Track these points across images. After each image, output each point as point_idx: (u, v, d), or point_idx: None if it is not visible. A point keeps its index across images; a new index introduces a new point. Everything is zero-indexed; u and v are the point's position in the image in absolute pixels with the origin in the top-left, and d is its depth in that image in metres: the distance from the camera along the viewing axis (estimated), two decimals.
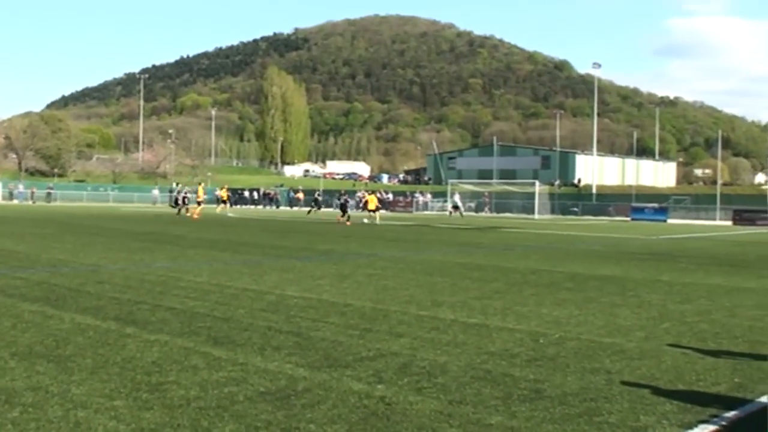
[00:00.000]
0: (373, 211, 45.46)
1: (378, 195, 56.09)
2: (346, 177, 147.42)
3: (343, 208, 43.75)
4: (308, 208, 61.28)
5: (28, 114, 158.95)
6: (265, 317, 9.57)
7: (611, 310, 10.87)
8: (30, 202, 77.64)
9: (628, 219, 61.85)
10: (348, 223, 40.75)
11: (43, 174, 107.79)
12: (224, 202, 55.69)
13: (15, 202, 78.32)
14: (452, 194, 65.96)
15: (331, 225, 39.30)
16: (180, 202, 50.36)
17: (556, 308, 10.97)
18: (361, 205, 57.68)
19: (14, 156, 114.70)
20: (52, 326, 8.62)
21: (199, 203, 48.06)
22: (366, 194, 52.60)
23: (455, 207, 61.01)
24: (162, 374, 6.55)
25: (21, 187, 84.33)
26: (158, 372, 6.62)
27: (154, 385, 6.19)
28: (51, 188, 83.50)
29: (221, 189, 58.22)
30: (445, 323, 9.46)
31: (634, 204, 67.43)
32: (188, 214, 46.00)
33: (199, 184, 53.19)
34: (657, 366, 7.35)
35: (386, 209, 63.21)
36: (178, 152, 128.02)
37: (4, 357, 7.04)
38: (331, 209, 66.68)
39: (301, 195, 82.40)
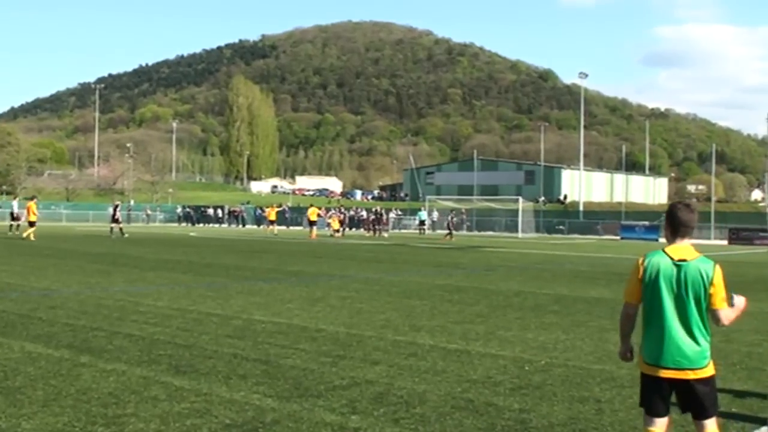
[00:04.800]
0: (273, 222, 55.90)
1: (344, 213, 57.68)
2: (317, 193, 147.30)
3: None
4: (447, 232, 54.55)
5: None
6: (231, 344, 9.53)
7: (601, 335, 10.91)
8: None
9: (618, 238, 62.11)
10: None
11: None
12: (272, 222, 56.83)
13: None
14: (430, 211, 66.25)
15: (301, 244, 39.21)
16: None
17: (541, 333, 11.00)
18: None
19: None
20: (0, 356, 8.54)
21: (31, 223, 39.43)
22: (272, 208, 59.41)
23: (422, 222, 62.62)
24: (119, 406, 6.50)
25: None
26: (115, 404, 6.57)
27: (111, 418, 6.14)
28: None
29: (270, 208, 59.65)
30: (424, 349, 9.46)
31: (624, 222, 67.73)
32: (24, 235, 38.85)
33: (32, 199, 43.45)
34: None
35: (357, 228, 63.37)
36: (136, 167, 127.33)
37: None
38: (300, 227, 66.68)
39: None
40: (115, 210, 46.12)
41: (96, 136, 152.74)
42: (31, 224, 39.13)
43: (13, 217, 46.41)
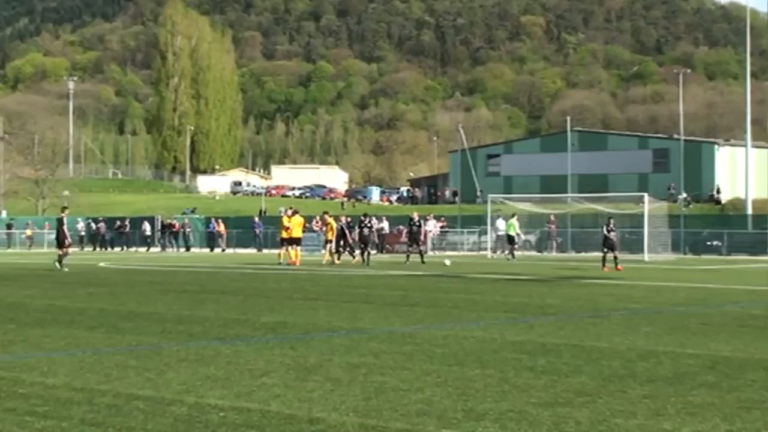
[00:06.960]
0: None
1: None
2: (308, 193, 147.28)
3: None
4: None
5: None
6: None
7: None
8: None
9: None
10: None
11: None
12: (293, 242, 55.37)
13: None
14: (494, 220, 66.40)
15: (282, 277, 39.33)
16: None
17: (687, 421, 10.94)
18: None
19: None
20: None
21: None
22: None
23: (511, 239, 62.26)
24: None
25: None
26: None
27: None
28: None
29: (287, 216, 58.12)
30: None
31: None
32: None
33: None
34: None
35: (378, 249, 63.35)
36: (10, 157, 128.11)
37: None
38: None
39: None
40: (60, 225, 46.79)
41: None
42: None
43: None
